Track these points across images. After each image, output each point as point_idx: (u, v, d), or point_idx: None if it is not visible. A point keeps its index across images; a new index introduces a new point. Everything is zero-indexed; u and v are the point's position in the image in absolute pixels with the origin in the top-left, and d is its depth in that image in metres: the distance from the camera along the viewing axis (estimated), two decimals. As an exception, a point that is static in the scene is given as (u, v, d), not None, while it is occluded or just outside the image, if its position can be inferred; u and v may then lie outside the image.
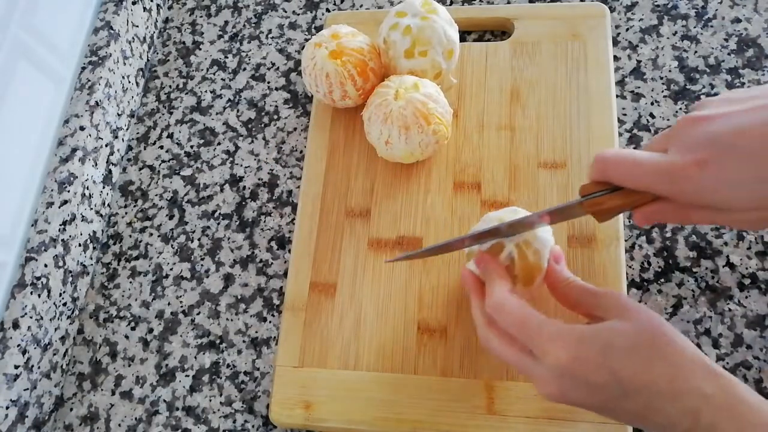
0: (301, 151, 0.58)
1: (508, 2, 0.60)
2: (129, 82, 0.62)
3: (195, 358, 0.52)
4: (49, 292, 0.50)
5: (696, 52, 0.54)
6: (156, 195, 0.59)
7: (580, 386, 0.35)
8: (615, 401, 0.34)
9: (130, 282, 0.56)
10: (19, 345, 0.47)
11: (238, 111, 0.61)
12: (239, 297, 0.53)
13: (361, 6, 0.63)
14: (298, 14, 0.64)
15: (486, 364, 0.46)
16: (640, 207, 0.37)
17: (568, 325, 0.36)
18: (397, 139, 0.48)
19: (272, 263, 0.54)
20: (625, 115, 0.53)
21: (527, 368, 0.36)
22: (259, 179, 0.58)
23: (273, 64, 0.62)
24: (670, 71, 0.54)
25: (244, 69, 0.63)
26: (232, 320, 0.52)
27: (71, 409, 0.52)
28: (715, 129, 0.34)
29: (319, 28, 0.63)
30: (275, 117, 0.60)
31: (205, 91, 0.63)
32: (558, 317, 0.37)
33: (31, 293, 0.49)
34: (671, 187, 0.35)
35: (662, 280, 0.48)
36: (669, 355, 0.33)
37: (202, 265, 0.55)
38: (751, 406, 0.32)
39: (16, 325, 0.48)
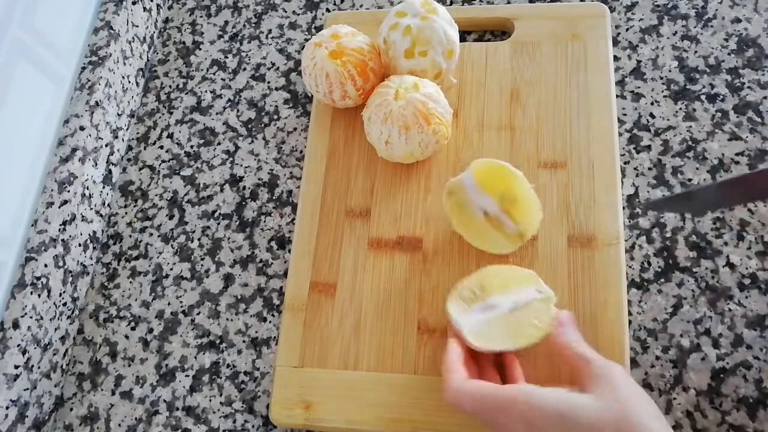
0: (301, 151, 0.58)
1: (508, 2, 0.60)
2: (129, 82, 0.62)
3: (195, 358, 0.52)
4: (49, 292, 0.50)
5: (696, 52, 0.54)
6: (156, 195, 0.59)
7: None
8: None
9: (130, 282, 0.56)
10: (19, 345, 0.47)
11: (238, 111, 0.61)
12: (239, 297, 0.53)
13: (361, 6, 0.63)
14: (298, 14, 0.64)
15: (486, 364, 0.46)
16: None
17: (529, 388, 0.37)
18: (397, 139, 0.48)
19: (272, 263, 0.54)
20: (625, 115, 0.53)
21: (495, 430, 0.38)
22: (259, 179, 0.58)
23: (273, 64, 0.62)
24: (670, 71, 0.54)
25: (244, 69, 0.63)
26: (232, 320, 0.52)
27: (71, 409, 0.52)
28: None
29: (319, 28, 0.63)
30: (275, 117, 0.60)
31: (205, 91, 0.63)
32: None
33: (31, 293, 0.49)
34: None
35: (662, 280, 0.48)
36: None
37: (202, 265, 0.55)
38: None
39: (16, 325, 0.48)
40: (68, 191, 0.53)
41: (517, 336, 0.41)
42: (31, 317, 0.48)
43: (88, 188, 0.55)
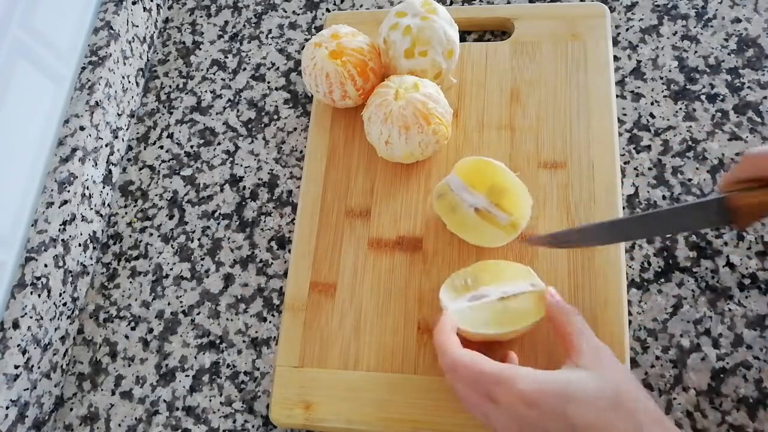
0: (301, 151, 0.58)
1: (508, 2, 0.60)
2: (129, 82, 0.62)
3: (195, 358, 0.52)
4: (49, 292, 0.50)
5: (696, 52, 0.54)
6: (156, 195, 0.59)
7: (536, 429, 0.35)
8: None
9: (130, 282, 0.56)
10: (19, 345, 0.47)
11: (238, 111, 0.61)
12: (239, 297, 0.53)
13: (361, 6, 0.63)
14: (298, 14, 0.64)
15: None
16: None
17: (528, 369, 0.36)
18: (397, 139, 0.48)
19: (272, 263, 0.54)
20: (625, 115, 0.53)
21: (488, 412, 0.37)
22: (259, 179, 0.58)
23: (273, 64, 0.62)
24: (670, 71, 0.54)
25: (244, 69, 0.63)
26: (232, 320, 0.52)
27: (71, 409, 0.52)
28: None
29: (319, 28, 0.63)
30: (275, 117, 0.60)
31: (205, 91, 0.63)
32: None
33: (31, 293, 0.49)
34: None
35: (662, 280, 0.48)
36: (631, 412, 0.34)
37: (202, 265, 0.55)
38: None
39: (16, 325, 0.48)
40: (68, 191, 0.53)
41: (502, 322, 0.42)
42: (31, 317, 0.48)
43: (88, 188, 0.55)
